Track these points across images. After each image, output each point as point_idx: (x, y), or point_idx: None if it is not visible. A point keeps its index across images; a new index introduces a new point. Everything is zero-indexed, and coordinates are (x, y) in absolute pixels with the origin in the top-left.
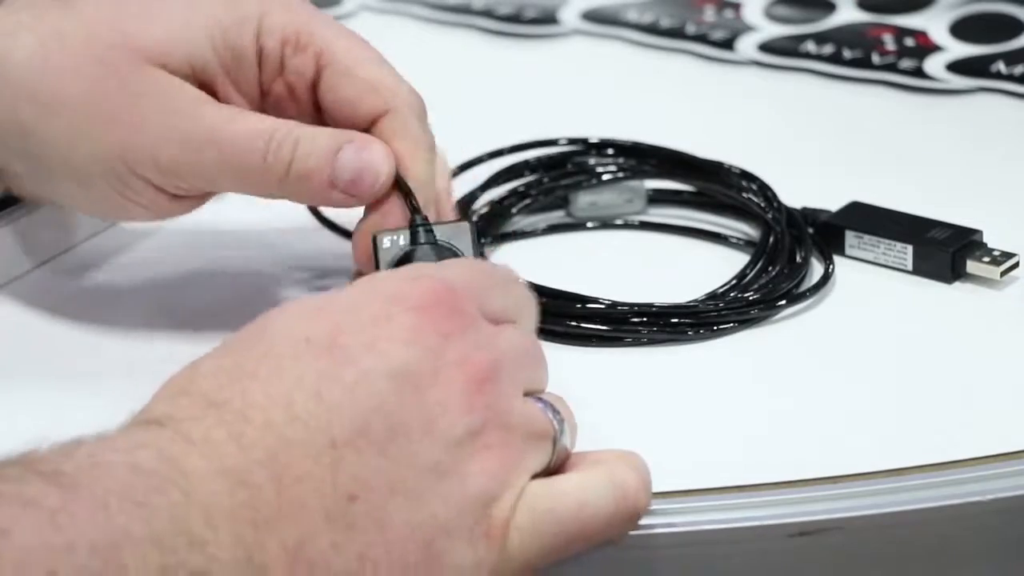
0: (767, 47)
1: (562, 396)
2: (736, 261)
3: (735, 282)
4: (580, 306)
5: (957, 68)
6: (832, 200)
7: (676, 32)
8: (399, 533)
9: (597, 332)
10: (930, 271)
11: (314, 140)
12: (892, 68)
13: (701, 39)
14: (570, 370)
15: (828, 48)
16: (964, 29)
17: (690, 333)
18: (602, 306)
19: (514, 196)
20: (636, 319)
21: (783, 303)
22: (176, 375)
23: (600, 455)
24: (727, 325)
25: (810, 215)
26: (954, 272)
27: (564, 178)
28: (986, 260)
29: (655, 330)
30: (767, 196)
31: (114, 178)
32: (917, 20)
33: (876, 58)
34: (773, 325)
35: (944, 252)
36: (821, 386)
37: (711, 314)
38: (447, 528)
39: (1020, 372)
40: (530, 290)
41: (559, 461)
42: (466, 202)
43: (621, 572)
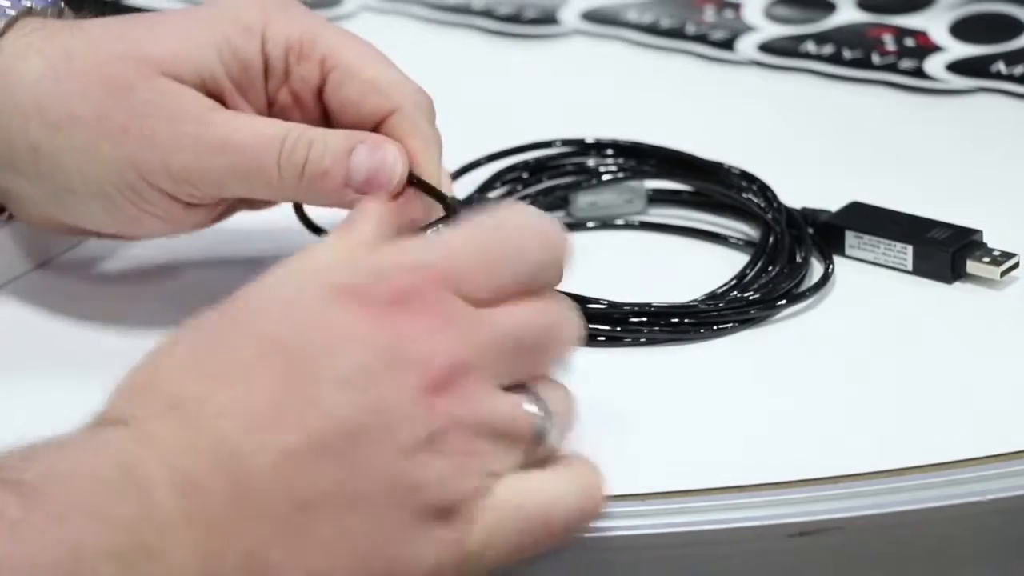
0: (767, 47)
1: (564, 384)
2: (736, 261)
3: (735, 282)
4: (580, 306)
5: (957, 68)
6: (832, 200)
7: (676, 32)
8: (355, 543)
9: (597, 332)
10: (930, 271)
11: (326, 141)
12: (892, 68)
13: (701, 39)
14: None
15: (828, 48)
16: (964, 29)
17: (690, 333)
18: (602, 306)
19: (514, 196)
20: (636, 319)
21: (783, 303)
22: (137, 369)
23: (563, 455)
24: (727, 325)
25: (810, 215)
26: (954, 272)
27: (564, 178)
28: (986, 260)
29: (655, 330)
30: (767, 196)
31: (128, 189)
32: (917, 20)
33: (876, 58)
34: (773, 325)
35: (944, 252)
36: (821, 386)
37: (711, 314)
38: (406, 537)
39: (1020, 372)
40: (563, 241)
41: (541, 457)
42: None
43: (621, 572)
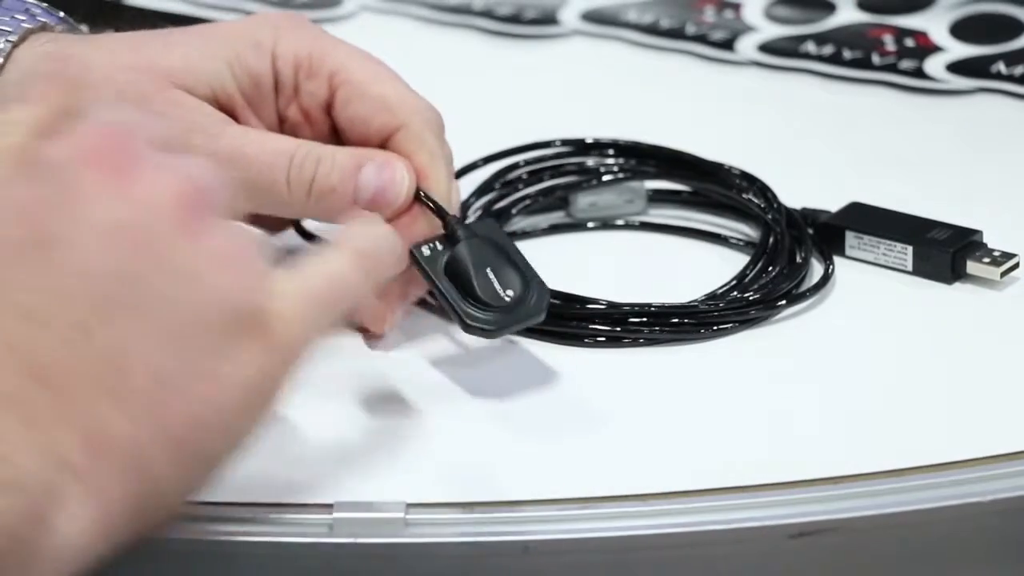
0: (767, 47)
1: None
2: (736, 261)
3: (735, 282)
4: (580, 307)
5: (957, 68)
6: (832, 200)
7: (676, 32)
8: (174, 380)
9: (597, 332)
10: (930, 271)
11: (335, 158)
12: (892, 69)
13: (701, 39)
14: (570, 370)
15: (828, 48)
16: (964, 29)
17: (690, 333)
18: (602, 306)
19: (514, 197)
20: (636, 319)
21: (783, 303)
22: None
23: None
24: (727, 325)
25: (810, 215)
26: (954, 272)
27: (564, 178)
28: (986, 260)
29: (655, 330)
30: (767, 197)
31: None
32: (917, 20)
33: (876, 59)
34: (773, 326)
35: (944, 252)
36: (821, 386)
37: (711, 314)
38: (216, 350)
39: (1020, 372)
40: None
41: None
42: (466, 204)
43: (622, 572)
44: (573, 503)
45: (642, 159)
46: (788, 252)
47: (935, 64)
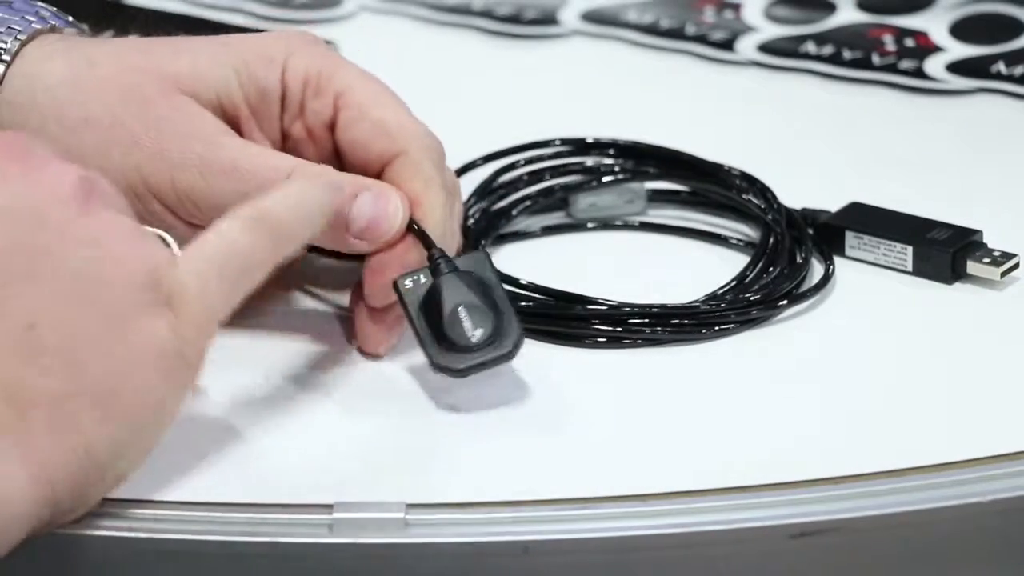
0: (767, 48)
1: None
2: (736, 262)
3: (735, 283)
4: (581, 307)
5: (957, 69)
6: (832, 200)
7: (676, 32)
8: (87, 339)
9: (598, 333)
10: (930, 272)
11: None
12: (892, 69)
13: (701, 39)
14: (571, 371)
15: (828, 49)
16: (964, 30)
17: (691, 334)
18: (602, 307)
19: (514, 197)
20: (637, 320)
21: (784, 303)
22: None
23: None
24: (728, 326)
25: (810, 216)
26: (954, 273)
27: (564, 178)
28: (986, 261)
29: (656, 331)
30: (767, 197)
31: (135, 198)
32: (917, 21)
33: (876, 59)
34: (774, 326)
35: (944, 253)
36: (821, 386)
37: (712, 315)
38: (124, 310)
39: (1020, 372)
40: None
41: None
42: (466, 204)
43: (622, 572)
44: (573, 503)
45: (642, 159)
46: (788, 252)
47: (935, 64)
